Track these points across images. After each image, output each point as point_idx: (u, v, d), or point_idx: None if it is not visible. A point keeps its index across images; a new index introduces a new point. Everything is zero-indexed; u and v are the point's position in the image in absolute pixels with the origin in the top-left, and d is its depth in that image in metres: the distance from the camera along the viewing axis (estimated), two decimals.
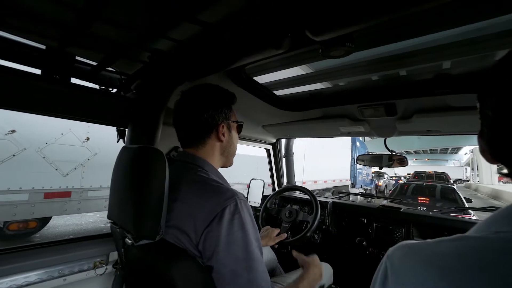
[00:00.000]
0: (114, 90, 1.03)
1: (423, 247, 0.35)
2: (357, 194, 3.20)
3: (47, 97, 0.86)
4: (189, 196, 0.70)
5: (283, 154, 2.13)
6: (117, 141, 1.09)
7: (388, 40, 0.81)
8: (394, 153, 1.52)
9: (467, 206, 4.75)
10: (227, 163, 0.88)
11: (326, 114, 1.37)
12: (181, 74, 0.85)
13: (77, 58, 0.90)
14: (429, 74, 0.98)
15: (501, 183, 22.74)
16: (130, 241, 0.71)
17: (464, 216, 2.60)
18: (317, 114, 1.39)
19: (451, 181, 11.20)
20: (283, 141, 2.12)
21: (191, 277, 0.63)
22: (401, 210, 1.50)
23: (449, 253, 0.31)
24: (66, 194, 2.87)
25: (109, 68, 0.98)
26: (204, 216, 0.64)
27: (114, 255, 1.06)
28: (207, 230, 0.63)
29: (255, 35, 0.61)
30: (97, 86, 0.99)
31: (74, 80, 0.90)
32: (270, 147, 2.06)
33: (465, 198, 5.34)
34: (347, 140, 9.36)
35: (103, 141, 3.04)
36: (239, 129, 0.90)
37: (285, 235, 1.35)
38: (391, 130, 1.38)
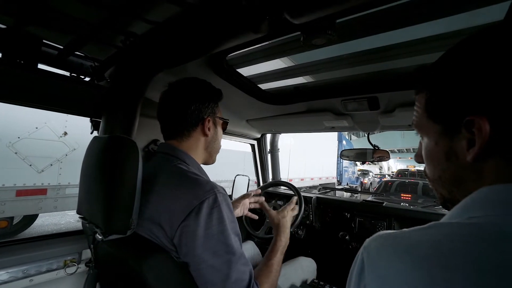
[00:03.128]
0: (88, 79, 0.97)
1: (399, 236, 0.34)
2: (342, 189, 3.24)
3: (10, 83, 0.79)
4: (166, 188, 0.67)
5: (268, 150, 2.11)
6: (91, 133, 1.03)
7: (370, 31, 0.80)
8: (377, 148, 1.54)
9: None
10: (210, 160, 0.86)
11: (310, 108, 1.37)
12: (159, 60, 0.80)
13: (45, 41, 0.83)
14: (411, 68, 0.98)
15: None
16: (100, 237, 0.67)
17: (443, 210, 2.69)
18: (302, 108, 1.38)
19: None
20: (268, 136, 2.10)
21: (164, 273, 0.59)
22: (383, 204, 1.52)
23: (422, 241, 0.31)
24: (41, 191, 2.72)
25: (81, 54, 0.92)
26: (180, 209, 0.61)
27: (87, 253, 1.01)
28: (183, 224, 0.60)
29: (233, 17, 0.58)
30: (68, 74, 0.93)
31: (43, 67, 0.84)
32: (255, 142, 2.03)
33: None
34: (334, 138, 9.52)
35: (82, 136, 2.91)
36: (224, 126, 0.89)
37: (256, 216, 1.25)
38: (374, 125, 1.39)
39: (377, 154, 1.55)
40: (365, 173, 15.81)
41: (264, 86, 1.27)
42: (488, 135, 0.30)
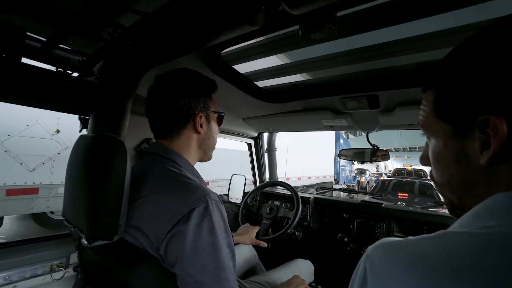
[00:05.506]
0: (76, 74, 0.93)
1: (405, 245, 0.31)
2: (339, 189, 3.22)
3: None
4: (154, 193, 0.62)
5: (265, 149, 2.08)
6: (80, 131, 0.99)
7: (371, 27, 0.77)
8: (376, 148, 1.51)
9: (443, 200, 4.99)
10: (205, 157, 0.80)
11: (309, 106, 1.33)
12: (149, 54, 0.76)
13: (28, 33, 0.78)
14: (412, 65, 0.95)
15: None
16: (85, 242, 0.63)
17: (440, 211, 2.70)
18: (300, 106, 1.35)
19: (428, 177, 11.72)
20: (265, 135, 2.07)
21: (152, 282, 0.56)
22: (382, 205, 1.49)
23: (431, 251, 0.29)
24: (32, 190, 2.64)
25: (68, 48, 0.87)
26: (168, 217, 0.56)
27: (75, 257, 0.97)
28: (170, 234, 0.55)
29: (227, 7, 0.53)
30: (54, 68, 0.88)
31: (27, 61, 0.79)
32: (251, 141, 1.99)
33: None
34: (331, 137, 9.52)
35: (76, 134, 2.82)
36: (220, 120, 0.83)
37: (265, 244, 1.30)
38: (373, 124, 1.36)
39: (376, 154, 1.52)
40: (362, 172, 15.88)
41: (261, 83, 1.23)
42: (505, 136, 0.27)
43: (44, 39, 0.78)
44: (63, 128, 2.84)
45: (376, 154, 1.54)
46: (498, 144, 0.28)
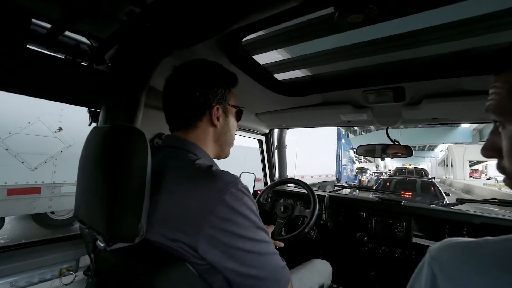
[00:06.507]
0: (86, 63, 0.86)
1: (482, 245, 0.29)
2: (355, 187, 3.18)
3: None
4: (178, 184, 0.57)
5: (275, 146, 2.02)
6: (89, 125, 0.92)
7: (405, 12, 0.70)
8: (397, 143, 1.45)
9: (447, 200, 4.97)
10: (222, 154, 0.76)
11: (327, 100, 1.27)
12: (168, 38, 0.69)
13: (34, 16, 0.72)
14: (443, 55, 0.90)
15: (471, 178, 24.65)
16: (102, 245, 0.57)
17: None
18: (317, 100, 1.29)
19: (429, 176, 11.72)
20: (275, 132, 2.01)
21: (182, 286, 0.50)
22: (402, 203, 1.44)
23: None
24: (34, 190, 2.58)
25: (78, 31, 0.80)
26: (202, 206, 0.52)
27: (85, 260, 0.90)
28: (210, 228, 0.51)
29: None
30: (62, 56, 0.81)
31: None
32: (262, 138, 1.93)
33: (444, 192, 5.58)
34: (333, 136, 9.49)
35: (78, 132, 2.77)
36: (238, 115, 0.79)
37: (281, 244, 1.24)
38: (395, 118, 1.30)
39: (395, 150, 1.46)
40: (363, 171, 15.88)
41: (278, 76, 1.17)
42: None
43: (52, 21, 0.71)
44: (65, 126, 2.78)
45: (394, 149, 1.48)
46: None
